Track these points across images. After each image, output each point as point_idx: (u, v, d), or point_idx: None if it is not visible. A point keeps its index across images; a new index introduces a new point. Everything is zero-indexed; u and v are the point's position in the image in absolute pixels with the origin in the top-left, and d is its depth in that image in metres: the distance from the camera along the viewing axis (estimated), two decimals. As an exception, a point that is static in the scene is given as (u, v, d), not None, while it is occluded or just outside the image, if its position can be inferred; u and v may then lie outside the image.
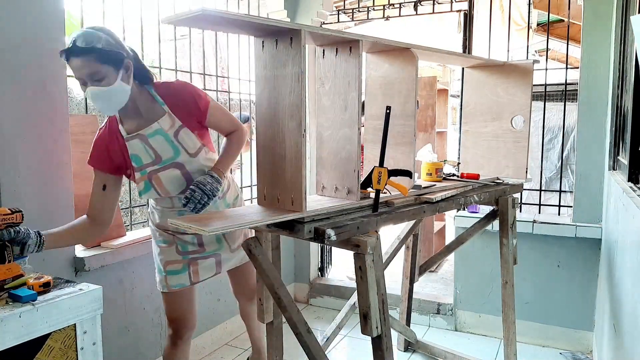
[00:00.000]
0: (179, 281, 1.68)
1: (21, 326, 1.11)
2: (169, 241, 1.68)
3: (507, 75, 1.94)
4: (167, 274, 1.68)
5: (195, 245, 1.68)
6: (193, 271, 1.68)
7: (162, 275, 1.68)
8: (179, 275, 1.68)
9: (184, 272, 1.68)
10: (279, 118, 1.20)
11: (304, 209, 1.18)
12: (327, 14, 3.03)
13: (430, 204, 1.49)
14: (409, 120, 1.45)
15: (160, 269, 1.69)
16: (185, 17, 1.00)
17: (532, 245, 2.54)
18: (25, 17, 1.55)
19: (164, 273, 1.68)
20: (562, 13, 3.46)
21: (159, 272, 1.70)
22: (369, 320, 1.20)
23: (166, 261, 1.68)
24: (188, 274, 1.68)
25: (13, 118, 1.53)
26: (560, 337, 2.55)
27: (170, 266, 1.68)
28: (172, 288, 1.68)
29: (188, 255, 1.68)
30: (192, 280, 1.69)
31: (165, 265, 1.68)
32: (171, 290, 1.68)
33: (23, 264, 1.35)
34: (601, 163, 2.41)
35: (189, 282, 1.69)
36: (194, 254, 1.68)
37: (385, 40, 1.37)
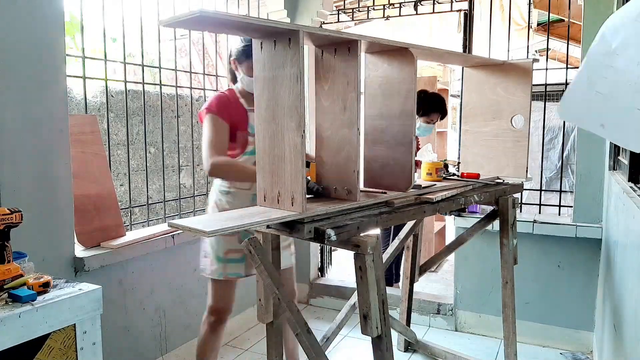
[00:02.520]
0: (237, 270, 1.74)
1: (21, 326, 1.11)
2: None
3: (507, 74, 1.94)
4: (227, 261, 1.73)
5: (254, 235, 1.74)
6: (248, 263, 1.73)
7: (221, 264, 1.74)
8: (238, 264, 1.74)
9: (243, 261, 1.74)
10: (278, 119, 1.20)
11: (304, 209, 1.18)
12: (327, 13, 3.03)
13: (430, 203, 1.48)
14: (408, 120, 1.45)
15: (219, 257, 1.74)
16: (183, 19, 1.00)
17: (533, 245, 2.54)
18: (25, 17, 1.55)
19: (223, 261, 1.73)
20: (562, 13, 3.46)
21: (217, 260, 1.74)
22: (369, 321, 1.20)
23: (228, 249, 1.73)
24: (245, 264, 1.74)
25: (13, 118, 1.53)
26: (561, 337, 2.55)
27: (232, 254, 1.74)
28: (229, 276, 1.74)
29: None
30: (247, 271, 1.75)
31: (227, 253, 1.74)
32: (227, 278, 1.74)
33: (23, 262, 1.35)
34: (601, 163, 2.41)
35: (244, 273, 1.75)
36: None
37: (384, 40, 1.37)
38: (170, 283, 2.24)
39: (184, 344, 2.31)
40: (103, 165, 1.94)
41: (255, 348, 2.55)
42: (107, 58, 1.99)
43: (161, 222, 2.36)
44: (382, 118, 1.51)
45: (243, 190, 1.74)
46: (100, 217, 1.91)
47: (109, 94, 2.12)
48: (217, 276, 1.75)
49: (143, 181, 2.41)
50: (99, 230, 1.90)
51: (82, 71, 1.91)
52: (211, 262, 1.76)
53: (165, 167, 2.48)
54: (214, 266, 1.75)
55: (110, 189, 1.95)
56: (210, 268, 1.76)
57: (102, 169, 1.94)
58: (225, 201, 1.76)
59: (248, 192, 1.74)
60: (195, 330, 2.39)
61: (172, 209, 2.50)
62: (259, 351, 2.50)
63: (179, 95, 2.59)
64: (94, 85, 2.27)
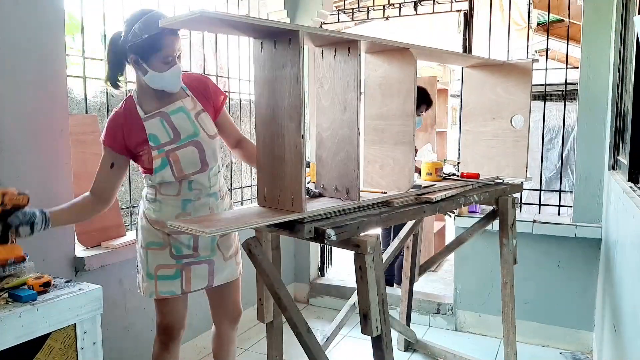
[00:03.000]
0: (170, 288, 1.58)
1: (21, 326, 1.11)
2: (162, 243, 1.58)
3: (507, 74, 1.94)
4: (158, 279, 1.57)
5: (190, 248, 1.59)
6: (186, 279, 1.59)
7: (152, 281, 1.57)
8: (171, 281, 1.58)
9: (177, 278, 1.58)
10: (278, 119, 1.20)
11: (304, 209, 1.18)
12: (327, 14, 3.03)
13: (430, 203, 1.49)
14: (408, 120, 1.45)
15: (149, 274, 1.58)
16: (183, 19, 1.00)
17: (532, 245, 2.54)
18: (25, 17, 1.55)
19: (153, 278, 1.57)
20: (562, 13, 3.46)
21: (148, 277, 1.58)
22: (369, 320, 1.20)
23: (158, 265, 1.58)
24: (180, 281, 1.58)
25: (13, 118, 1.53)
26: (560, 337, 2.55)
27: (162, 270, 1.57)
28: (161, 295, 1.58)
29: (182, 259, 1.59)
30: (183, 289, 1.59)
31: (157, 270, 1.57)
32: (160, 297, 1.59)
33: (23, 262, 1.35)
34: (601, 163, 2.41)
35: (180, 291, 1.59)
36: (188, 258, 1.59)
37: (384, 40, 1.37)
38: (171, 283, 2.24)
39: (184, 344, 2.31)
40: (103, 165, 1.94)
41: (255, 348, 2.56)
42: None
43: (161, 222, 2.36)
44: (382, 118, 1.51)
45: (170, 197, 1.56)
46: (101, 216, 1.89)
47: (109, 94, 2.11)
48: (149, 295, 1.58)
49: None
50: (99, 230, 1.90)
51: (83, 71, 1.91)
52: (142, 279, 1.60)
53: (165, 167, 2.47)
54: (145, 284, 1.59)
55: (110, 189, 1.95)
56: (142, 286, 1.61)
57: (102, 169, 1.93)
58: (152, 210, 1.58)
59: (176, 198, 1.56)
60: (195, 329, 2.39)
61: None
62: (259, 351, 2.51)
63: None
64: (94, 85, 2.27)
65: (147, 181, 1.60)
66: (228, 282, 1.69)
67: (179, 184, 1.56)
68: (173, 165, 1.52)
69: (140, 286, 1.64)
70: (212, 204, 1.61)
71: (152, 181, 1.57)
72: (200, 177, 1.57)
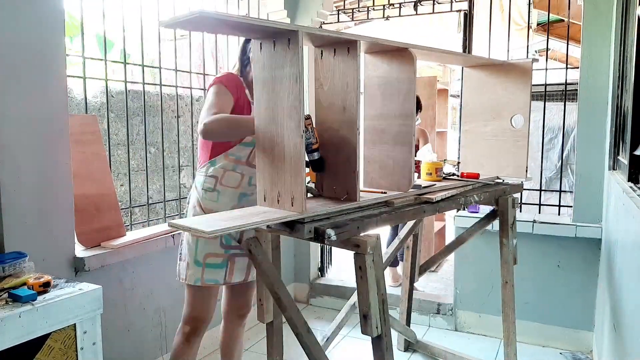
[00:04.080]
0: (215, 276, 1.61)
1: (21, 326, 1.12)
2: None
3: (507, 74, 1.94)
4: (206, 266, 1.60)
5: (236, 240, 1.64)
6: (229, 269, 1.63)
7: (199, 268, 1.60)
8: (218, 270, 1.61)
9: (223, 267, 1.62)
10: (277, 119, 1.20)
11: (304, 209, 1.18)
12: (327, 14, 3.03)
13: (430, 203, 1.49)
14: (408, 120, 1.45)
15: (197, 261, 1.60)
16: (183, 19, 1.01)
17: (532, 245, 2.54)
18: (25, 17, 1.55)
19: (201, 265, 1.60)
20: (562, 13, 3.46)
21: (196, 264, 1.60)
22: (369, 320, 1.20)
23: (208, 253, 1.60)
24: (225, 270, 1.62)
25: (13, 118, 1.53)
26: (561, 337, 2.55)
27: (211, 259, 1.61)
28: (207, 282, 1.61)
29: (230, 249, 1.63)
30: (226, 279, 1.63)
31: (206, 257, 1.60)
32: (205, 284, 1.61)
33: (23, 262, 1.36)
34: (601, 163, 2.41)
35: (223, 281, 1.63)
36: (235, 249, 1.63)
37: (383, 41, 1.37)
38: (171, 283, 2.24)
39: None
40: (103, 165, 1.94)
41: (255, 348, 2.56)
42: (106, 59, 2.00)
43: (161, 222, 2.36)
44: (381, 118, 1.51)
45: (230, 189, 1.62)
46: (101, 217, 1.91)
47: (109, 94, 2.12)
48: (194, 282, 1.61)
49: (143, 181, 2.41)
50: (99, 230, 1.90)
51: (83, 71, 1.92)
52: (188, 266, 1.62)
53: (166, 167, 2.48)
54: (190, 270, 1.61)
55: (110, 189, 1.95)
56: (186, 273, 1.62)
57: (103, 169, 1.94)
58: (209, 200, 1.62)
59: (235, 190, 1.62)
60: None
61: (172, 209, 2.50)
62: (258, 351, 2.51)
63: (179, 96, 2.59)
64: (94, 85, 2.27)
65: (207, 170, 1.64)
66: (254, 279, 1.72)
67: (241, 177, 1.62)
68: (254, 150, 1.52)
69: (181, 273, 1.65)
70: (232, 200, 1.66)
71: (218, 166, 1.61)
72: None
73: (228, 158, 1.62)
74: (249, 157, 1.63)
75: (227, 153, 1.61)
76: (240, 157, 1.62)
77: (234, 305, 1.81)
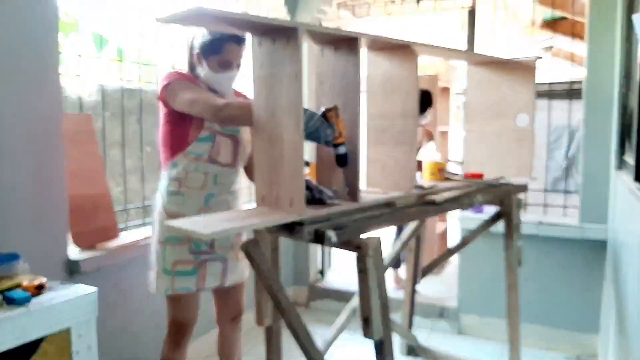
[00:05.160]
0: (186, 284, 1.59)
1: (15, 329, 1.10)
2: (182, 237, 1.57)
3: (511, 72, 1.91)
4: (175, 275, 1.58)
5: (207, 244, 1.61)
6: (201, 275, 1.60)
7: (168, 277, 1.58)
8: (188, 277, 1.59)
9: (194, 274, 1.59)
10: (276, 118, 1.17)
11: (304, 211, 1.15)
12: (327, 10, 3.01)
13: (433, 204, 1.46)
14: (410, 119, 1.43)
15: (166, 270, 1.58)
16: (181, 15, 0.99)
17: (537, 247, 2.51)
18: (19, 15, 1.53)
19: (170, 273, 1.58)
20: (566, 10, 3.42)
21: (165, 272, 1.58)
22: (370, 324, 1.18)
23: (176, 260, 1.58)
24: (197, 277, 1.60)
25: (6, 117, 1.51)
26: (566, 341, 2.51)
27: (180, 266, 1.58)
28: (177, 291, 1.59)
29: (200, 255, 1.60)
30: (198, 286, 1.60)
31: (174, 265, 1.58)
32: (175, 293, 1.59)
33: (17, 264, 1.33)
34: (607, 163, 2.38)
35: (195, 288, 1.60)
36: (205, 254, 1.61)
37: (385, 38, 1.34)
38: (170, 285, 2.22)
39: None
40: (98, 165, 1.92)
41: (253, 352, 2.53)
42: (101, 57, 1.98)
43: (159, 223, 2.34)
44: (383, 117, 1.49)
45: (195, 190, 1.57)
46: (96, 218, 1.88)
47: (105, 93, 2.09)
48: (164, 292, 1.59)
49: (139, 182, 2.39)
50: (94, 231, 1.88)
51: (77, 70, 1.89)
52: (157, 275, 1.60)
53: (164, 167, 2.45)
54: (160, 279, 1.59)
55: (105, 190, 1.93)
56: (156, 282, 1.60)
57: (97, 169, 1.91)
58: (174, 203, 1.57)
59: (201, 191, 1.57)
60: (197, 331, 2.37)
61: (171, 210, 2.48)
62: (256, 355, 2.48)
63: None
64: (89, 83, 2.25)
65: (169, 173, 1.59)
66: (237, 282, 1.71)
67: (204, 176, 1.58)
68: (214, 145, 1.56)
69: (151, 283, 1.64)
70: (230, 201, 1.65)
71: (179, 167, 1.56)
72: (227, 172, 1.62)
73: (188, 157, 1.55)
74: (210, 152, 1.56)
75: (186, 151, 1.55)
76: (200, 154, 1.55)
77: (224, 310, 1.79)
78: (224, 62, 1.55)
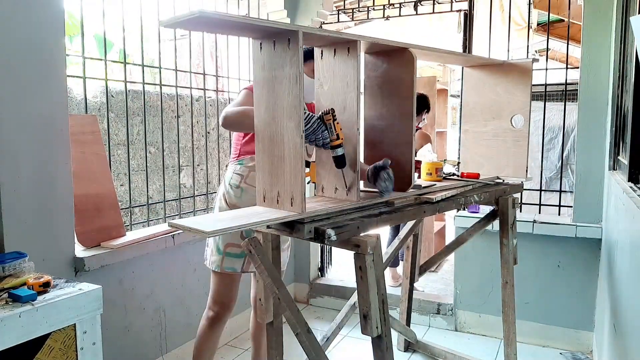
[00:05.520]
0: (233, 265, 1.74)
1: (21, 326, 1.11)
2: None
3: (507, 74, 1.94)
4: (226, 255, 1.74)
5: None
6: (247, 259, 1.73)
7: (220, 255, 1.74)
8: (236, 259, 1.74)
9: (241, 257, 1.74)
10: (277, 119, 1.20)
11: (304, 210, 1.18)
12: (327, 14, 3.03)
13: (430, 203, 1.49)
14: (408, 120, 1.45)
15: (219, 249, 1.75)
16: (183, 19, 1.00)
17: (532, 245, 2.54)
18: (25, 17, 1.55)
19: (222, 253, 1.74)
20: (562, 13, 3.46)
21: (217, 252, 1.75)
22: (369, 320, 1.20)
23: (228, 242, 1.74)
24: (244, 260, 1.74)
25: (13, 118, 1.53)
26: (561, 337, 2.55)
27: (231, 248, 1.74)
28: (225, 270, 1.74)
29: None
30: (243, 268, 1.75)
31: (227, 247, 1.74)
32: (224, 271, 1.74)
33: (23, 262, 1.35)
34: (601, 163, 2.41)
35: (240, 269, 1.75)
36: None
37: (383, 41, 1.37)
38: (171, 283, 2.24)
39: (184, 344, 2.31)
40: (103, 165, 1.94)
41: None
42: (106, 59, 2.00)
43: (161, 222, 2.36)
44: (381, 118, 1.51)
45: (253, 188, 1.71)
46: (101, 217, 1.91)
47: (109, 94, 2.11)
48: (215, 268, 1.77)
49: (143, 181, 2.41)
50: (99, 230, 1.90)
51: (82, 71, 1.92)
52: (211, 253, 1.78)
53: (166, 167, 2.48)
54: (213, 257, 1.77)
55: (110, 189, 1.95)
56: (210, 259, 1.78)
57: (103, 169, 1.94)
58: (233, 195, 1.75)
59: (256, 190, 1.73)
60: (195, 330, 2.39)
61: (172, 209, 2.50)
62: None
63: (179, 96, 2.59)
64: (94, 85, 2.27)
65: (235, 168, 1.76)
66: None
67: None
68: None
69: (206, 258, 1.81)
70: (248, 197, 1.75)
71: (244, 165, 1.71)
72: None
73: (253, 159, 1.69)
74: None
75: (254, 156, 1.61)
76: None
77: None
78: (314, 68, 1.55)
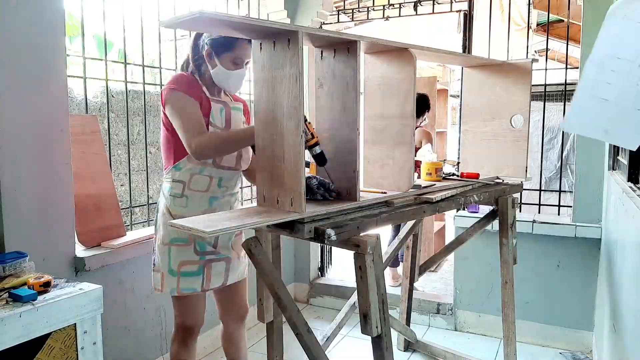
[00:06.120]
0: (191, 285, 1.58)
1: (21, 326, 1.12)
2: (186, 239, 1.57)
3: (507, 74, 1.94)
4: (181, 275, 1.57)
5: (211, 245, 1.61)
6: (206, 276, 1.60)
7: (174, 278, 1.57)
8: (194, 278, 1.58)
9: (199, 274, 1.58)
10: (277, 119, 1.20)
11: (304, 210, 1.18)
12: (327, 14, 3.03)
13: (430, 203, 1.49)
14: (408, 119, 1.45)
15: (172, 271, 1.57)
16: (183, 20, 1.01)
17: (532, 245, 2.54)
18: (25, 17, 1.55)
19: (176, 274, 1.57)
20: (562, 13, 3.46)
21: (170, 273, 1.57)
22: (369, 320, 1.21)
23: (181, 261, 1.57)
24: (202, 277, 1.59)
25: (13, 118, 1.53)
26: (560, 337, 2.55)
27: (186, 267, 1.57)
28: (182, 292, 1.59)
29: (205, 255, 1.60)
30: (203, 287, 1.60)
31: (180, 266, 1.57)
32: (181, 294, 1.59)
33: (24, 262, 1.36)
34: (601, 163, 2.41)
35: (200, 288, 1.60)
36: (209, 255, 1.60)
37: (383, 41, 1.37)
38: (171, 283, 2.24)
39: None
40: (104, 165, 1.95)
41: (255, 348, 2.56)
42: (106, 59, 2.00)
43: (161, 222, 2.36)
44: (381, 118, 1.52)
45: (199, 192, 1.57)
46: (101, 217, 1.91)
47: (110, 94, 2.12)
48: (172, 292, 1.59)
49: (143, 181, 2.42)
50: (100, 230, 1.91)
51: (83, 71, 1.92)
52: (163, 277, 1.59)
53: (166, 167, 2.48)
54: (166, 280, 1.58)
55: (110, 189, 1.96)
56: (162, 283, 1.59)
57: (103, 169, 1.94)
58: (178, 206, 1.58)
59: (205, 194, 1.58)
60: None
61: (172, 209, 2.50)
62: (259, 351, 2.51)
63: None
64: (94, 85, 2.27)
65: (172, 175, 1.58)
66: (238, 280, 1.72)
67: (209, 179, 1.59)
68: None
69: (157, 284, 1.62)
70: (232, 202, 1.68)
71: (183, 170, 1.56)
72: (231, 175, 1.63)
73: (193, 160, 1.54)
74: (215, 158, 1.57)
75: (190, 156, 1.53)
76: None
77: (229, 309, 1.78)
78: (235, 59, 1.55)
